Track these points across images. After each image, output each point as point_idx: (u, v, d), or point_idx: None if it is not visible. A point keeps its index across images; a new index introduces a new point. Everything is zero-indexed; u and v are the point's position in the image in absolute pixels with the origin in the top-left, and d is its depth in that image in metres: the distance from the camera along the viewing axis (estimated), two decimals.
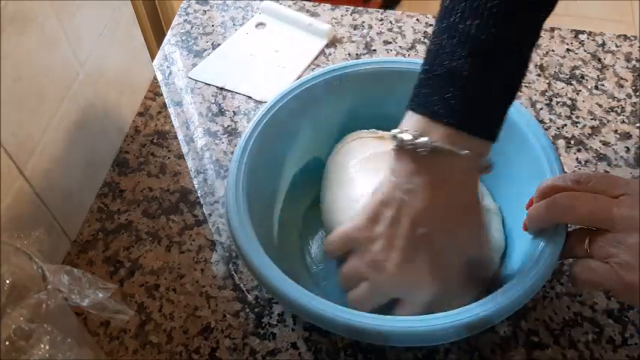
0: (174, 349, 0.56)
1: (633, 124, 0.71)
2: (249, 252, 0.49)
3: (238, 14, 0.86)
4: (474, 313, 0.45)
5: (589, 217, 0.45)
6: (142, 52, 0.75)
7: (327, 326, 0.46)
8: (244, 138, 0.56)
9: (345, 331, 0.46)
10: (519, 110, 0.56)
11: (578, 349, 0.54)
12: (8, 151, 0.51)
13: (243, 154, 0.55)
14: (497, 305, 0.45)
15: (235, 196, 0.52)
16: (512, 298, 0.45)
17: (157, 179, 0.68)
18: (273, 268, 0.48)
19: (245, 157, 0.55)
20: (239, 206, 0.52)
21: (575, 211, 0.45)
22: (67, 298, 0.42)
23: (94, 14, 0.63)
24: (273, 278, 0.48)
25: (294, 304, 0.46)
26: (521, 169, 0.56)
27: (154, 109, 0.75)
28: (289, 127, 0.60)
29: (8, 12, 0.49)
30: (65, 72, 0.59)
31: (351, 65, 0.62)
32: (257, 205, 0.54)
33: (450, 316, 0.45)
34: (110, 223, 0.65)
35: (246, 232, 0.51)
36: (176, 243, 0.63)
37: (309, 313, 0.46)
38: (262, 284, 0.49)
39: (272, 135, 0.58)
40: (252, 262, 0.49)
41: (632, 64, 0.77)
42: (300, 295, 0.47)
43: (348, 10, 0.86)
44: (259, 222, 0.53)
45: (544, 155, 0.54)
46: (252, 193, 0.54)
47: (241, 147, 0.56)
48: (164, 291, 0.59)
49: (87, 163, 0.64)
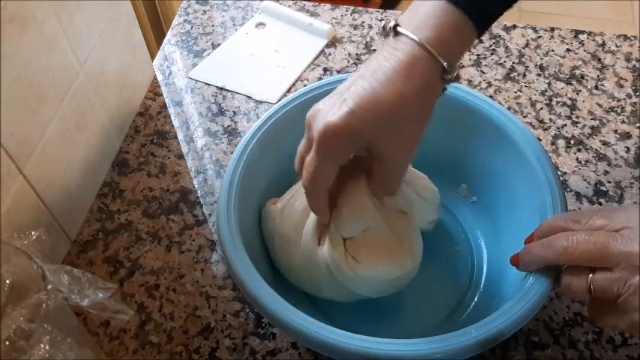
0: (174, 349, 0.56)
1: (633, 124, 0.71)
2: (247, 282, 0.48)
3: (238, 14, 0.86)
4: (488, 329, 0.44)
5: (586, 257, 0.43)
6: (142, 52, 0.75)
7: (337, 355, 0.45)
8: (242, 144, 0.56)
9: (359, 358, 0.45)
10: (520, 128, 0.56)
11: (578, 349, 0.54)
12: (8, 151, 0.51)
13: (239, 161, 0.55)
14: (511, 318, 0.45)
15: (227, 211, 0.52)
16: (523, 310, 0.45)
17: (157, 179, 0.68)
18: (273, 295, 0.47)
19: (241, 165, 0.54)
20: (230, 220, 0.51)
21: (569, 252, 0.44)
22: (67, 298, 0.42)
23: (94, 14, 0.63)
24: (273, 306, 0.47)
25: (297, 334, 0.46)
26: (521, 189, 0.56)
27: (154, 109, 0.75)
28: (288, 135, 0.59)
29: (8, 12, 0.49)
30: (65, 72, 0.59)
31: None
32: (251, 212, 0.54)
33: (464, 334, 0.45)
34: (110, 223, 0.65)
35: (238, 252, 0.50)
36: (176, 243, 0.63)
37: (318, 343, 0.45)
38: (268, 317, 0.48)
39: (270, 142, 0.57)
40: (253, 294, 0.48)
41: (632, 64, 0.77)
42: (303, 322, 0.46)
43: (348, 10, 0.86)
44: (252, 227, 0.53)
45: (546, 181, 0.53)
46: (248, 197, 0.54)
47: (237, 154, 0.55)
48: (164, 291, 0.59)
49: (87, 163, 0.64)
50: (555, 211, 0.51)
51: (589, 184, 0.66)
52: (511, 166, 0.57)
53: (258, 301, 0.47)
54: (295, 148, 0.51)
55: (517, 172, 0.56)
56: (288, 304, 0.46)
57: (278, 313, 0.46)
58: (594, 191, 0.66)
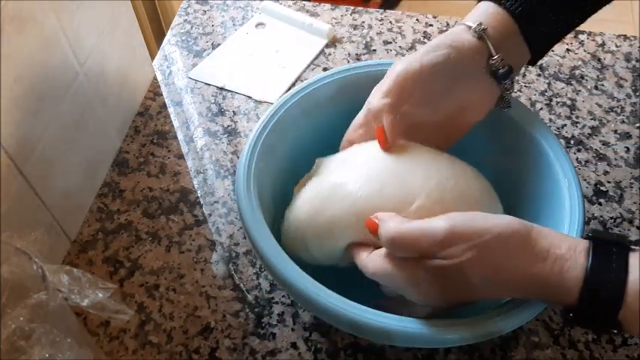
0: (174, 349, 0.56)
1: (633, 124, 0.71)
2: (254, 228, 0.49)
3: (238, 14, 0.86)
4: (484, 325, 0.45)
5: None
6: (141, 52, 0.75)
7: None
8: (252, 139, 0.56)
9: (350, 327, 0.45)
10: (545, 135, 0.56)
11: (577, 349, 0.54)
12: (8, 151, 0.51)
13: (251, 156, 0.54)
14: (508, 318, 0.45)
15: (247, 196, 0.52)
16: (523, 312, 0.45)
17: (157, 179, 0.68)
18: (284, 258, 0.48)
19: (254, 159, 0.54)
20: (251, 202, 0.51)
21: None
22: (67, 298, 0.42)
23: (93, 14, 0.63)
24: (280, 266, 0.47)
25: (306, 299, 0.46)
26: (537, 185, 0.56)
27: (154, 109, 0.75)
28: (293, 129, 0.59)
29: (8, 12, 0.49)
30: (65, 72, 0.59)
31: (360, 66, 0.61)
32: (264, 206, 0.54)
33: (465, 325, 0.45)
34: (110, 223, 0.65)
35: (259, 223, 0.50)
36: (176, 243, 0.63)
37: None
38: (270, 272, 0.48)
39: (279, 137, 0.57)
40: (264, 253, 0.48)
41: (631, 64, 0.77)
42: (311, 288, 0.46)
43: (348, 10, 0.86)
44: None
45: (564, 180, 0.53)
46: (259, 195, 0.54)
47: (249, 148, 0.55)
48: (164, 291, 0.59)
49: (87, 163, 0.64)
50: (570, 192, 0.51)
51: (589, 184, 0.66)
52: (538, 182, 0.56)
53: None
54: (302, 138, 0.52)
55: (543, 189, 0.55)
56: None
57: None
58: (594, 191, 0.66)
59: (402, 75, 0.52)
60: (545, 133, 0.55)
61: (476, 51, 0.51)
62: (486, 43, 0.51)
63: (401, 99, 0.52)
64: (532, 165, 0.56)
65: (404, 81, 0.52)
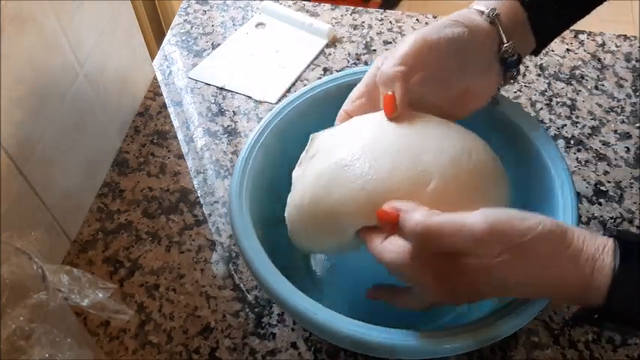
0: (174, 349, 0.56)
1: (633, 124, 0.71)
2: (253, 258, 0.48)
3: (238, 14, 0.86)
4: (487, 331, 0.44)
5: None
6: (141, 52, 0.75)
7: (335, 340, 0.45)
8: (249, 142, 0.56)
9: (353, 345, 0.44)
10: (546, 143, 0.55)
11: (577, 349, 0.54)
12: (8, 151, 0.51)
13: (248, 157, 0.54)
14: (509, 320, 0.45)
15: (239, 200, 0.52)
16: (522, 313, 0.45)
17: (157, 179, 0.68)
18: (280, 278, 0.47)
19: (250, 161, 0.54)
20: (242, 210, 0.51)
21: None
22: (67, 298, 0.42)
23: (94, 14, 0.63)
24: (277, 287, 0.47)
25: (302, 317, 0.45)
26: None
27: (154, 109, 0.75)
28: (294, 131, 0.59)
29: (8, 12, 0.49)
30: (65, 72, 0.59)
31: (362, 71, 0.61)
32: (259, 208, 0.54)
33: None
34: (110, 223, 0.65)
35: (250, 237, 0.50)
36: (176, 243, 0.63)
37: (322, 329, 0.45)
38: (270, 295, 0.48)
39: (276, 139, 0.57)
40: (258, 272, 0.48)
41: (631, 64, 0.77)
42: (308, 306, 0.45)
43: (348, 10, 0.86)
44: (262, 224, 0.53)
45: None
46: (256, 196, 0.54)
47: (246, 150, 0.55)
48: (164, 291, 0.59)
49: (87, 163, 0.64)
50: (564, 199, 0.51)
51: (589, 184, 0.66)
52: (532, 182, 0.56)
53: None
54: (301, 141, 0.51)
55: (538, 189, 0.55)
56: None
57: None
58: (594, 191, 0.66)
59: (419, 43, 0.49)
60: (536, 132, 0.55)
61: (487, 35, 0.50)
62: (498, 28, 0.50)
63: (415, 68, 0.49)
64: (525, 163, 0.56)
65: (420, 50, 0.49)
